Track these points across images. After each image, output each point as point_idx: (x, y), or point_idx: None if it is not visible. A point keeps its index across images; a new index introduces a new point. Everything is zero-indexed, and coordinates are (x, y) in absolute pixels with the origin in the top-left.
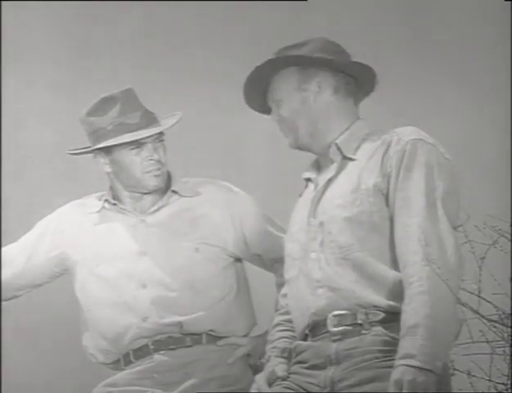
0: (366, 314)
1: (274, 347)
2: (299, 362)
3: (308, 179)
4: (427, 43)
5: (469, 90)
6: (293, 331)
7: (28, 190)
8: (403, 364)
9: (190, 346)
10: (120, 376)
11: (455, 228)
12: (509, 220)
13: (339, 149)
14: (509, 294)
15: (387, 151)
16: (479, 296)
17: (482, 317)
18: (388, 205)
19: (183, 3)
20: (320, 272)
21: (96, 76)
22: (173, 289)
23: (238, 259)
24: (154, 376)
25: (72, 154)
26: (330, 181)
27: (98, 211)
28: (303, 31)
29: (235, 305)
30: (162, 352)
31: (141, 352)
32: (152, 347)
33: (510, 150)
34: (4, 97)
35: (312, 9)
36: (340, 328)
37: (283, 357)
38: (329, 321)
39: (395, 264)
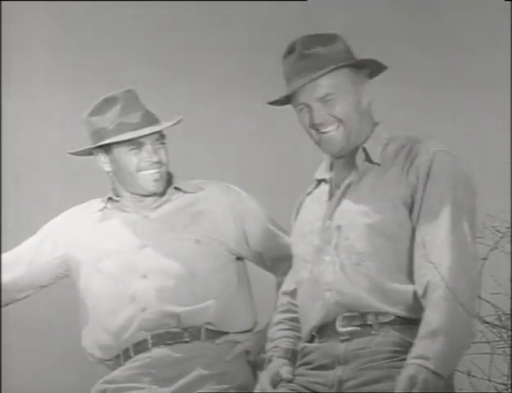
0: (376, 316)
1: (276, 347)
2: (305, 364)
3: (322, 180)
4: (426, 44)
5: (469, 90)
6: (295, 330)
7: (28, 190)
8: (417, 364)
9: (188, 342)
10: (118, 372)
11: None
12: (510, 220)
13: (366, 153)
14: (510, 294)
15: (412, 161)
16: (479, 297)
17: (481, 319)
18: (411, 216)
19: (184, 3)
20: (332, 275)
21: (97, 76)
22: (173, 279)
23: (239, 258)
24: (152, 371)
25: (73, 154)
26: (350, 185)
27: (101, 210)
28: (305, 31)
29: (234, 301)
30: (160, 347)
31: (140, 347)
32: (151, 341)
33: (510, 149)
34: (4, 97)
35: (313, 9)
36: (349, 329)
37: (286, 358)
38: (337, 322)
39: (412, 275)
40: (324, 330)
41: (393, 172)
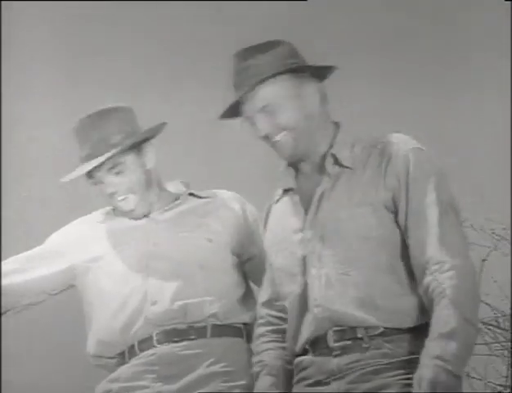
0: (366, 329)
1: (261, 361)
2: (303, 378)
3: (289, 189)
4: (426, 44)
5: (469, 90)
6: (278, 341)
7: (28, 190)
8: (437, 365)
9: (194, 339)
10: (123, 369)
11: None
12: (510, 222)
13: (335, 159)
14: (510, 296)
15: (388, 163)
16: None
17: (481, 321)
18: (396, 219)
19: (184, 4)
20: (318, 291)
21: (97, 76)
22: (184, 271)
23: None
24: (156, 368)
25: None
26: (324, 193)
27: (104, 217)
28: (305, 31)
29: (242, 302)
30: (165, 344)
31: (145, 344)
32: (156, 338)
33: (510, 150)
34: (4, 97)
35: (313, 9)
36: (340, 343)
37: (272, 375)
38: (329, 336)
39: (400, 277)
40: (316, 343)
41: (369, 175)
